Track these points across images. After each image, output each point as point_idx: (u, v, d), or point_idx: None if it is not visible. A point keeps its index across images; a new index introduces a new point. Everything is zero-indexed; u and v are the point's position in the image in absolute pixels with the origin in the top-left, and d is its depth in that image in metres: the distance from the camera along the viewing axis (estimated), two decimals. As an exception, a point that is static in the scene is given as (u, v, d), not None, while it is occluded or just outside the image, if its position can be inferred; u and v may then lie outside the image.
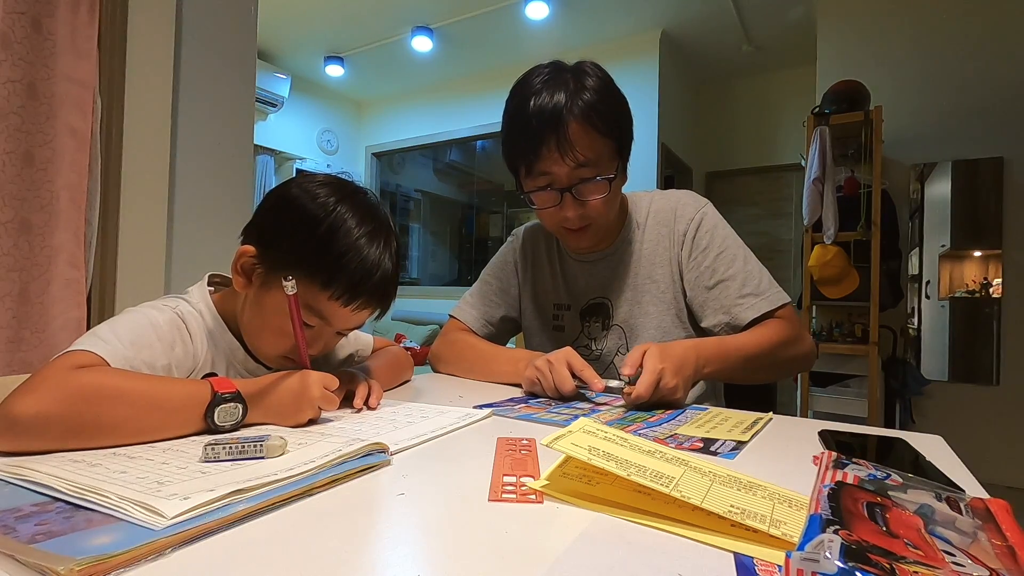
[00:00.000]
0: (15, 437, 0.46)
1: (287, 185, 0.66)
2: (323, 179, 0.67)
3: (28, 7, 1.21)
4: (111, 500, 0.33)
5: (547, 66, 0.87)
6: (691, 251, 0.94)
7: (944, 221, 2.99)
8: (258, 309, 0.65)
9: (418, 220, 6.08)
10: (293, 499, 0.38)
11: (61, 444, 0.46)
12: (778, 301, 0.89)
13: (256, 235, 0.65)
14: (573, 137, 0.82)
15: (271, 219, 0.65)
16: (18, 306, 1.22)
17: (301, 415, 0.56)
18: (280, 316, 0.62)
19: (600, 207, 0.88)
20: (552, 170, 0.85)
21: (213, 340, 0.66)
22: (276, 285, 0.62)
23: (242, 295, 0.67)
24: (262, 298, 0.64)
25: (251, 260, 0.64)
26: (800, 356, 0.90)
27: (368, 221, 0.64)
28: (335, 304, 0.63)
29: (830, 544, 0.25)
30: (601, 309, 1.00)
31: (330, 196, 0.64)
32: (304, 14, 3.79)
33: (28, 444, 0.46)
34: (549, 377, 0.78)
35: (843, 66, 3.07)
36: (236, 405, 0.53)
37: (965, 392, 2.88)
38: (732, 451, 0.53)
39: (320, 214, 0.62)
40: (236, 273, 0.65)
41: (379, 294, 0.66)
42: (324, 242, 0.61)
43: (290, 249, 0.62)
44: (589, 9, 3.57)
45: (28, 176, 1.23)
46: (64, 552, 0.28)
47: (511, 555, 0.31)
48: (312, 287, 0.62)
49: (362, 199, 0.66)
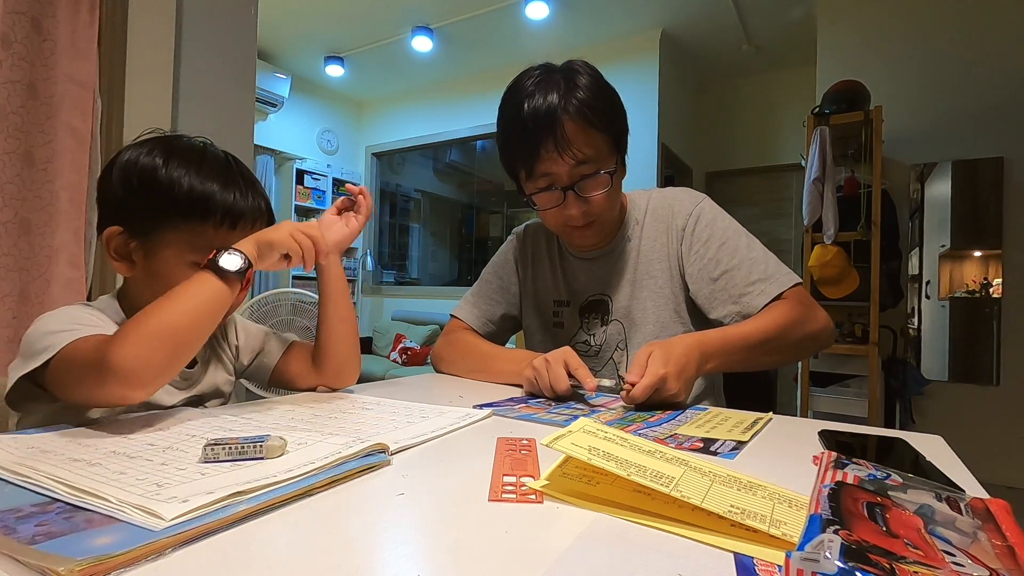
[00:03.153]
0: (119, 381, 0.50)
1: (112, 163, 0.65)
2: (141, 140, 0.67)
3: (28, 7, 1.21)
4: (110, 503, 0.33)
5: (537, 68, 0.88)
6: (692, 244, 0.94)
7: (944, 221, 2.99)
8: (155, 279, 0.63)
9: (418, 220, 6.08)
10: (294, 499, 0.38)
11: (162, 373, 0.53)
12: (787, 283, 0.87)
13: (112, 216, 0.64)
14: (570, 135, 0.83)
15: (118, 192, 0.64)
16: (18, 306, 1.22)
17: (280, 229, 0.64)
18: (179, 272, 0.62)
19: (603, 202, 0.88)
20: (552, 170, 0.85)
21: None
22: (158, 247, 0.63)
23: (133, 285, 0.66)
24: (152, 267, 0.64)
25: (122, 238, 0.63)
26: (814, 333, 0.86)
27: (200, 153, 0.66)
28: (223, 231, 0.65)
29: (830, 544, 0.25)
30: (600, 306, 1.01)
31: (155, 147, 0.65)
32: (304, 14, 3.79)
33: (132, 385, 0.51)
34: (545, 376, 0.78)
35: (843, 66, 3.07)
36: (231, 251, 0.59)
37: (965, 392, 2.88)
38: (732, 451, 0.53)
39: (159, 161, 0.63)
40: (114, 259, 0.64)
41: (253, 207, 0.67)
42: (178, 181, 0.62)
43: (151, 206, 0.62)
44: (589, 9, 3.57)
45: (28, 176, 1.23)
46: (64, 553, 0.27)
47: (511, 555, 0.31)
48: (193, 227, 0.63)
49: (185, 142, 0.68)
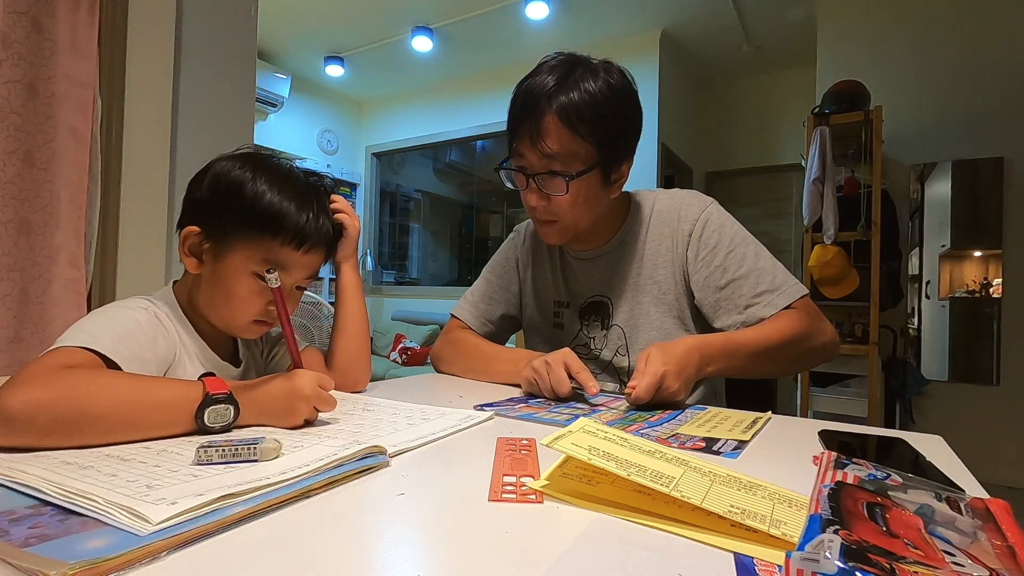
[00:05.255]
0: (6, 430, 0.45)
1: (206, 169, 0.69)
2: (236, 154, 0.70)
3: (28, 7, 1.21)
4: (99, 504, 0.33)
5: (565, 54, 0.86)
6: (698, 251, 0.91)
7: (944, 221, 2.99)
8: (218, 282, 0.67)
9: (418, 220, 6.08)
10: (293, 500, 0.38)
11: (49, 437, 0.46)
12: (795, 295, 0.86)
13: (193, 216, 0.67)
14: (545, 128, 0.81)
15: (205, 196, 0.67)
16: (18, 306, 1.22)
17: (295, 416, 0.56)
18: (242, 279, 0.65)
19: (563, 205, 0.85)
20: (524, 153, 0.85)
21: (182, 338, 0.68)
22: (228, 252, 0.65)
23: (196, 283, 0.69)
24: (219, 270, 0.66)
25: (197, 239, 0.66)
26: (819, 347, 0.86)
27: (285, 175, 0.69)
28: (288, 250, 0.67)
29: (830, 544, 0.25)
30: (600, 308, 0.99)
31: (246, 163, 0.68)
32: (304, 14, 3.79)
33: (17, 437, 0.46)
34: (546, 378, 0.78)
35: (843, 66, 3.07)
36: (227, 407, 0.53)
37: (965, 392, 2.88)
38: (734, 451, 0.53)
39: (248, 176, 0.66)
40: (186, 256, 0.67)
41: (320, 232, 0.70)
42: (260, 196, 0.66)
43: (231, 214, 0.65)
44: (589, 9, 3.57)
45: (28, 176, 1.23)
46: (57, 556, 0.27)
47: (511, 555, 0.31)
48: (263, 240, 0.65)
49: (274, 162, 0.71)
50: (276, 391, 0.57)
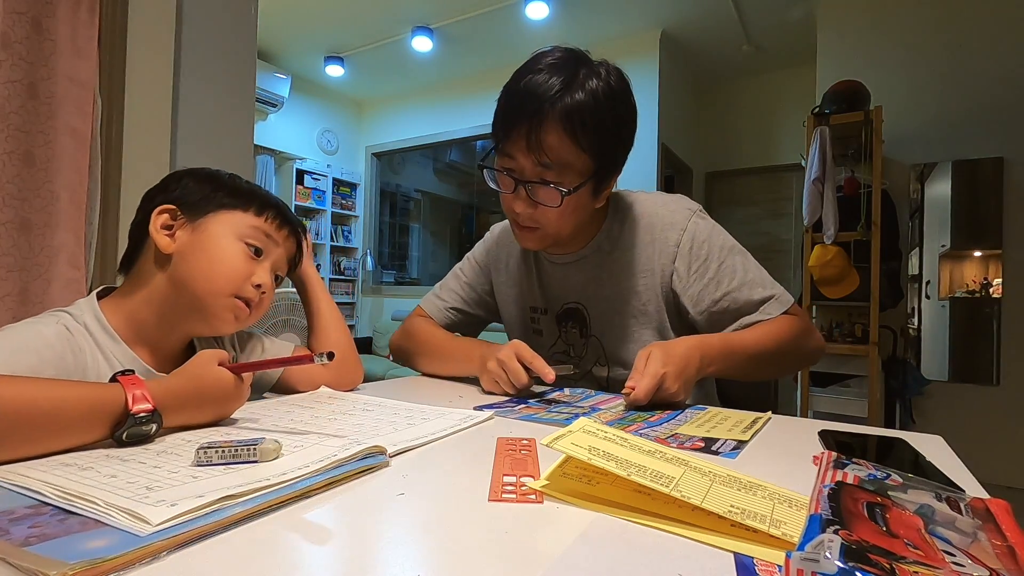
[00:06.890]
0: None
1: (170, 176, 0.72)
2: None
3: (28, 7, 1.21)
4: (98, 506, 0.33)
5: (563, 50, 0.79)
6: (690, 264, 0.87)
7: (944, 221, 2.99)
8: (200, 249, 0.66)
9: (418, 220, 6.09)
10: (293, 500, 0.38)
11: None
12: (788, 302, 0.87)
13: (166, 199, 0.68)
14: (546, 135, 0.76)
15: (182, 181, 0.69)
16: (18, 306, 1.22)
17: (226, 406, 0.57)
18: (224, 241, 0.67)
19: (550, 215, 0.81)
20: (515, 155, 0.79)
21: (104, 354, 0.62)
22: (208, 222, 0.67)
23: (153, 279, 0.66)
24: (199, 238, 0.66)
25: (169, 215, 0.66)
26: (808, 352, 0.88)
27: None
28: (270, 226, 0.70)
29: (830, 544, 0.25)
30: (576, 315, 0.96)
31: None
32: (304, 14, 3.79)
33: None
34: (504, 376, 0.79)
35: (843, 66, 3.07)
36: (151, 426, 0.48)
37: (965, 392, 2.88)
38: (733, 450, 0.53)
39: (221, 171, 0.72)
40: (158, 234, 0.65)
41: (294, 220, 0.75)
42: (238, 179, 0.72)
43: (212, 192, 0.68)
44: (589, 9, 3.57)
45: (28, 176, 1.23)
46: (58, 556, 0.27)
47: (511, 555, 0.31)
48: (247, 214, 0.69)
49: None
50: (196, 384, 0.54)
